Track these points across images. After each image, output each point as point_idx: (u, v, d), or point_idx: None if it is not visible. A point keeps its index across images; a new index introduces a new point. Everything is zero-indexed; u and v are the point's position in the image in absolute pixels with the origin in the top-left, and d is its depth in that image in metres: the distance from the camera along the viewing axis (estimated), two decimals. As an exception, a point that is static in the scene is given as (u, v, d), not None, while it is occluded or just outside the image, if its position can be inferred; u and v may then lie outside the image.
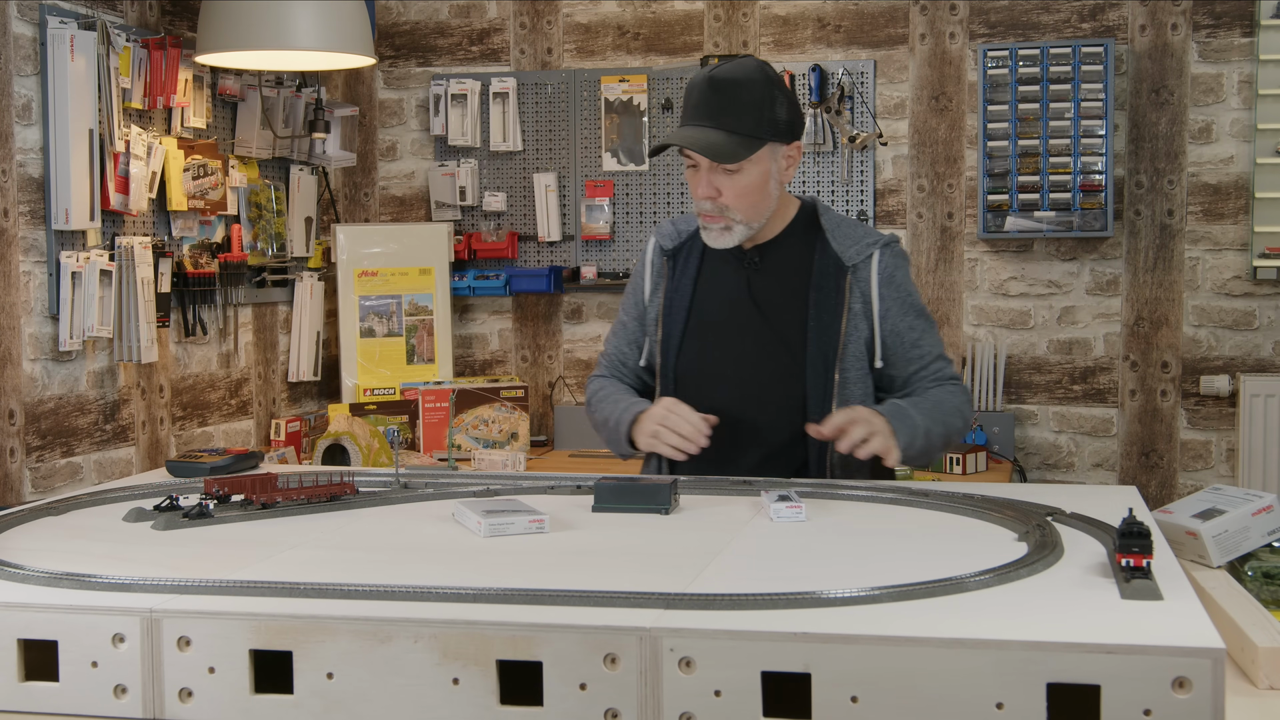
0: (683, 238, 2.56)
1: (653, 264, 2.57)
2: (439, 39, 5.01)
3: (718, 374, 2.46)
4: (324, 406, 4.75)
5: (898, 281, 2.46)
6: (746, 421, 2.43)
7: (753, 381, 2.44)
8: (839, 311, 2.41)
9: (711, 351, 2.48)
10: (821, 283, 2.43)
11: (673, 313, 2.50)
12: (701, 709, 1.40)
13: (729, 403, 2.43)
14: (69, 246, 3.50)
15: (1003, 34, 4.57)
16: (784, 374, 2.43)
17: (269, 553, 1.82)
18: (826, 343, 2.41)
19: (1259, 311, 4.42)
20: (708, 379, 2.47)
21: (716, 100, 2.35)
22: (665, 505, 2.06)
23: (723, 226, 2.41)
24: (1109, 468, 4.57)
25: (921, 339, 2.46)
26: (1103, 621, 1.41)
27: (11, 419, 3.34)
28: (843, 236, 2.46)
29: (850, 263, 2.43)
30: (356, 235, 4.71)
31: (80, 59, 3.46)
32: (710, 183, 2.37)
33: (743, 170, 2.37)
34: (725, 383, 2.46)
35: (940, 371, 2.47)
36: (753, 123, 2.35)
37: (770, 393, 2.43)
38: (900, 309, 2.45)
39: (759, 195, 2.40)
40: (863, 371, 2.43)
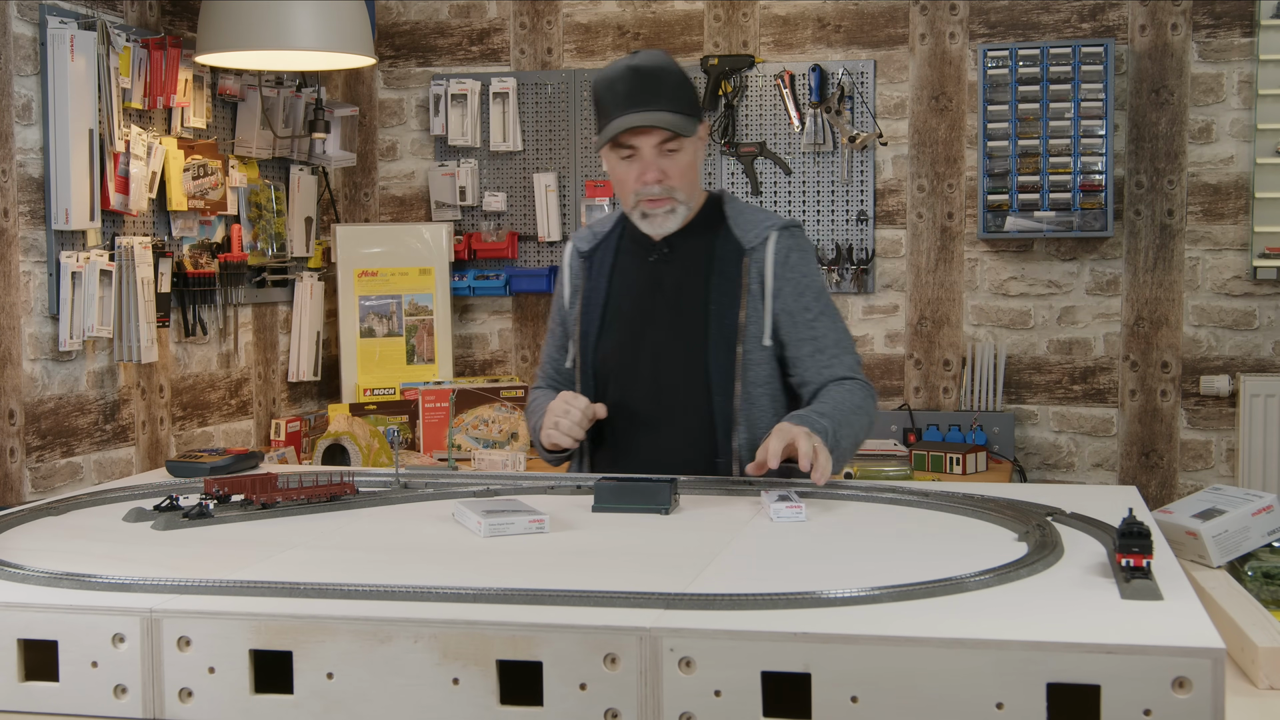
0: (598, 239, 2.61)
1: (571, 267, 2.63)
2: (439, 39, 5.01)
3: (631, 365, 2.51)
4: (324, 406, 4.75)
5: (793, 263, 2.49)
6: (659, 408, 2.48)
7: (663, 369, 2.49)
8: (738, 294, 2.46)
9: (625, 344, 2.53)
10: (722, 267, 2.48)
11: (590, 310, 2.56)
12: (701, 709, 1.40)
13: (642, 392, 2.49)
14: (69, 246, 3.50)
15: (1003, 34, 4.57)
16: (690, 359, 2.47)
17: (269, 553, 1.82)
18: (727, 325, 2.45)
19: (1259, 311, 4.42)
20: (622, 371, 2.52)
21: (649, 85, 2.40)
22: (665, 505, 2.06)
23: (668, 209, 2.46)
24: (1109, 468, 4.57)
25: (817, 321, 2.48)
26: (1103, 621, 1.41)
27: (11, 419, 3.34)
28: (744, 222, 2.52)
29: (749, 246, 2.48)
30: (356, 235, 4.70)
31: (80, 59, 3.46)
32: (657, 165, 2.42)
33: (683, 149, 2.44)
34: (638, 373, 2.51)
35: (841, 359, 2.47)
36: (686, 102, 2.43)
37: (678, 379, 2.48)
38: (794, 289, 2.48)
39: (695, 174, 2.49)
40: (764, 352, 2.46)
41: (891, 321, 4.71)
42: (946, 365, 4.67)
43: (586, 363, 2.54)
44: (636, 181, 2.43)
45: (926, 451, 4.15)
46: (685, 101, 2.43)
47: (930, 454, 4.14)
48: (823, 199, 4.71)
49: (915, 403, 4.69)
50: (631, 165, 2.44)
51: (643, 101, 2.38)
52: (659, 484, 2.10)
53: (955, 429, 4.48)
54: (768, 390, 2.46)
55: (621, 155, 2.44)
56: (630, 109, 2.39)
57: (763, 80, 4.73)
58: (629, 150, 2.42)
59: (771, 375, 2.47)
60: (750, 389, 2.44)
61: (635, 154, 2.42)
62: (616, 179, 2.49)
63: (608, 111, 2.42)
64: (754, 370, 2.45)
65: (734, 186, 4.76)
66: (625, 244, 2.57)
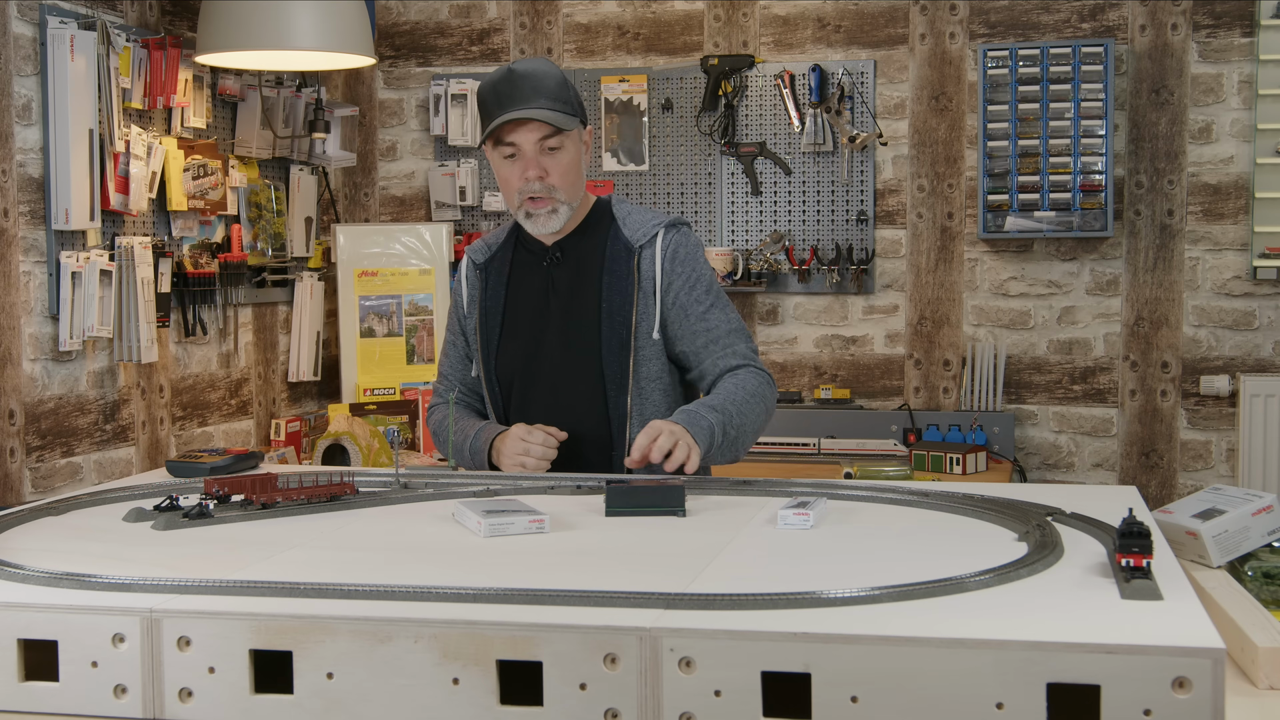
0: (492, 250, 2.64)
1: (468, 279, 2.66)
2: (439, 39, 5.01)
3: (531, 370, 2.55)
4: (324, 406, 4.75)
5: (682, 258, 2.52)
6: (559, 409, 2.51)
7: (559, 370, 2.53)
8: (629, 291, 2.49)
9: (523, 350, 2.56)
10: (613, 266, 2.52)
11: (488, 320, 2.59)
12: (701, 709, 1.40)
13: (542, 394, 2.53)
14: (69, 246, 3.50)
15: (1003, 34, 4.57)
16: (585, 360, 2.51)
17: (269, 553, 1.82)
18: (620, 323, 2.49)
19: (1259, 311, 4.42)
20: (523, 377, 2.56)
21: (528, 85, 2.43)
22: (680, 507, 2.06)
23: (550, 209, 2.49)
24: (1109, 468, 4.57)
25: (709, 313, 2.51)
26: (1103, 621, 1.41)
27: (11, 419, 3.34)
28: (633, 222, 2.55)
29: (638, 244, 2.52)
30: (356, 235, 4.70)
31: (80, 59, 3.46)
32: (538, 163, 2.45)
33: (564, 148, 2.47)
34: (538, 378, 2.54)
35: (735, 349, 2.50)
36: (564, 102, 2.47)
37: (576, 380, 2.51)
38: (685, 284, 2.51)
39: (577, 174, 2.51)
40: (655, 348, 2.50)
41: (891, 321, 4.71)
42: (946, 365, 4.67)
43: (490, 371, 2.58)
44: (519, 179, 2.47)
45: (926, 451, 4.15)
46: (565, 101, 2.47)
47: (930, 454, 4.14)
48: (823, 199, 4.71)
49: (915, 403, 4.69)
50: (514, 165, 2.47)
51: (521, 99, 2.42)
52: (671, 486, 2.09)
53: (955, 429, 4.49)
54: (659, 385, 2.51)
55: (504, 154, 2.47)
56: (507, 109, 2.43)
57: (763, 80, 4.73)
58: (510, 149, 2.46)
59: (662, 370, 2.51)
60: (643, 384, 2.49)
61: (517, 153, 2.46)
62: (501, 179, 2.52)
63: (490, 113, 2.46)
64: (646, 366, 2.50)
65: (734, 186, 4.76)
66: (519, 253, 2.61)
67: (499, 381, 2.58)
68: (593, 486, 2.25)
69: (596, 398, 2.50)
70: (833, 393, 4.68)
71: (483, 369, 2.59)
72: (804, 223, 4.73)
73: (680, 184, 4.81)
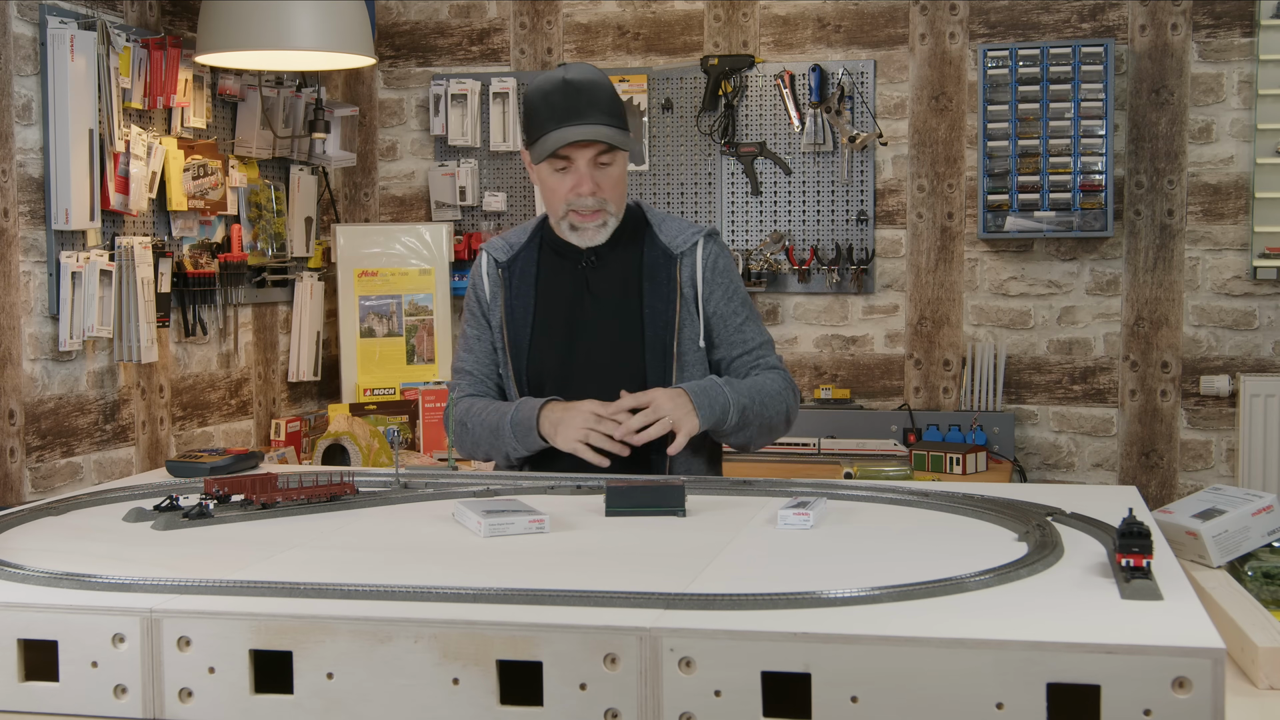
0: (515, 249, 2.62)
1: (489, 276, 2.62)
2: (439, 39, 5.01)
3: (566, 372, 2.54)
4: (324, 406, 4.75)
5: (720, 268, 2.57)
6: None
7: (599, 374, 2.52)
8: (671, 298, 2.51)
9: (558, 351, 2.55)
10: (653, 273, 2.53)
11: (516, 320, 2.57)
12: (701, 709, 1.40)
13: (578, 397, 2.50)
14: (69, 246, 3.50)
15: (1003, 34, 4.57)
16: (626, 364, 2.51)
17: (269, 553, 1.82)
18: (663, 327, 2.51)
19: (1259, 311, 4.42)
20: (558, 378, 2.54)
21: (584, 98, 2.42)
22: (680, 507, 2.06)
23: (600, 223, 2.49)
24: (1109, 468, 4.57)
25: (745, 325, 2.57)
26: (1103, 621, 1.41)
27: (11, 419, 3.34)
28: (669, 229, 2.57)
29: (678, 251, 2.54)
30: (356, 235, 4.70)
31: (80, 59, 3.46)
32: (591, 178, 2.45)
33: (615, 162, 2.48)
34: (574, 379, 2.53)
35: (764, 359, 2.58)
36: (618, 117, 2.47)
37: (615, 383, 2.49)
38: (724, 294, 2.56)
39: (624, 185, 2.53)
40: (698, 354, 2.53)
41: (891, 321, 4.71)
42: (946, 365, 4.67)
43: (520, 371, 2.56)
44: (570, 192, 2.46)
45: (926, 451, 4.15)
46: (618, 116, 2.47)
47: (930, 454, 4.14)
48: (823, 199, 4.71)
49: (915, 403, 4.69)
50: (565, 177, 2.46)
51: (579, 114, 2.41)
52: (671, 486, 2.09)
53: (955, 429, 4.49)
54: None
55: (556, 167, 2.46)
56: (567, 122, 2.41)
57: (763, 80, 4.73)
58: (563, 162, 2.45)
59: (704, 375, 2.54)
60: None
61: (569, 166, 2.45)
62: (547, 188, 2.50)
63: (542, 124, 2.44)
64: (689, 370, 2.52)
65: (734, 186, 4.76)
66: (546, 254, 2.59)
67: (529, 384, 2.56)
68: (593, 486, 2.25)
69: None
70: (833, 393, 4.68)
71: (511, 370, 2.57)
72: (804, 223, 4.73)
73: (680, 184, 4.81)
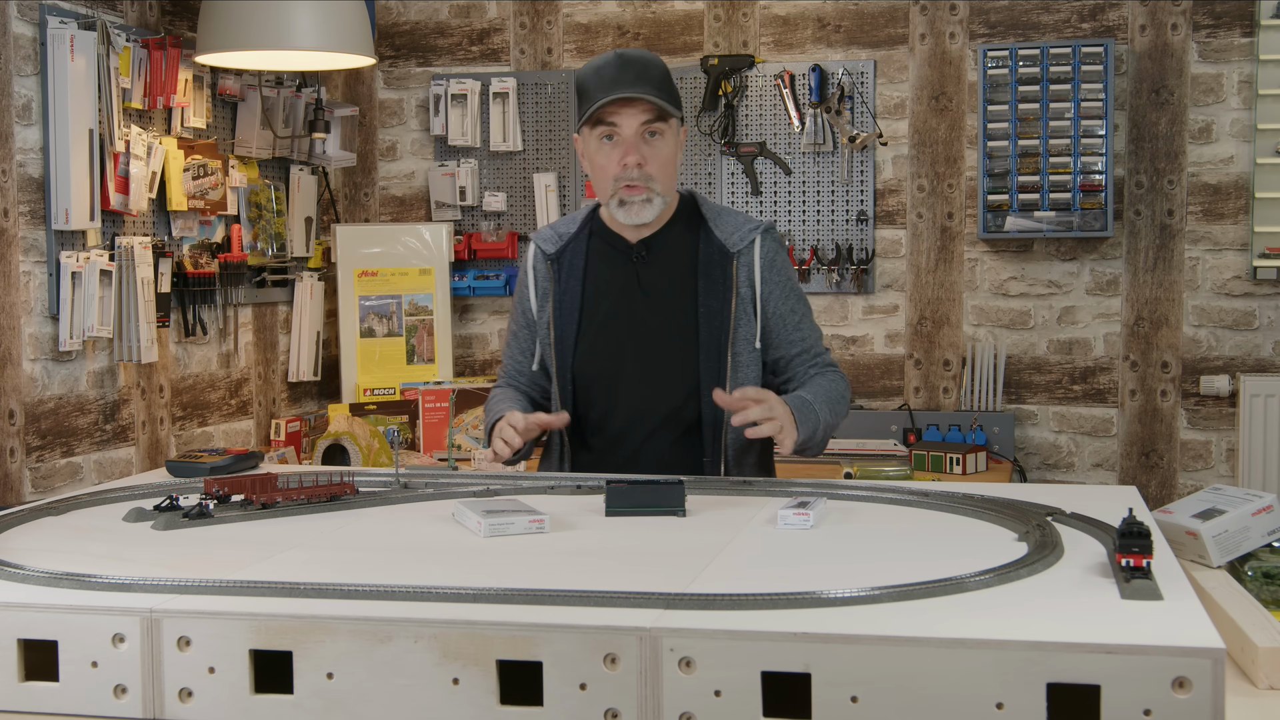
0: (564, 240, 2.58)
1: (535, 269, 2.59)
2: (439, 39, 5.01)
3: (614, 369, 2.50)
4: (324, 406, 4.75)
5: (778, 265, 2.52)
6: (647, 410, 2.48)
7: (649, 373, 2.48)
8: (727, 297, 2.47)
9: (607, 347, 2.51)
10: (708, 270, 2.49)
11: (564, 314, 2.53)
12: (701, 709, 1.40)
13: (628, 396, 2.49)
14: (69, 246, 3.50)
15: (1003, 34, 4.57)
16: (678, 362, 2.47)
17: (269, 553, 1.82)
18: (718, 328, 2.46)
19: (1259, 311, 4.42)
20: (605, 375, 2.50)
21: (634, 71, 2.40)
22: (680, 507, 2.06)
23: (644, 198, 2.44)
24: (1109, 468, 4.57)
25: (802, 323, 2.54)
26: (1103, 621, 1.41)
27: (11, 419, 3.34)
28: (724, 224, 2.52)
29: (734, 249, 2.49)
30: (356, 235, 4.71)
31: (80, 59, 3.46)
32: (638, 149, 2.41)
33: (664, 137, 2.44)
34: (622, 377, 2.49)
35: (821, 357, 2.55)
36: (670, 95, 2.44)
37: (666, 382, 2.47)
38: (782, 292, 2.52)
39: (673, 167, 2.48)
40: (753, 355, 2.49)
41: (891, 321, 4.71)
42: (946, 365, 4.67)
43: (565, 367, 2.52)
44: (617, 165, 2.42)
45: (926, 451, 4.15)
46: (670, 92, 2.44)
47: (930, 454, 4.14)
48: (823, 199, 4.71)
49: (915, 403, 4.69)
50: (613, 149, 2.42)
51: (628, 84, 2.39)
52: (671, 485, 2.09)
53: (955, 429, 4.49)
54: None
55: (602, 135, 2.43)
56: (615, 90, 2.39)
57: (763, 80, 4.73)
58: (610, 128, 2.41)
59: (758, 376, 2.50)
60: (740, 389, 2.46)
61: (617, 136, 2.42)
62: (596, 165, 2.47)
63: (591, 95, 2.41)
64: (744, 371, 2.47)
65: (734, 186, 4.76)
66: (596, 245, 2.55)
67: (574, 378, 2.51)
68: (593, 486, 2.25)
69: (690, 402, 2.46)
70: (833, 393, 4.67)
71: (555, 364, 2.53)
72: (804, 223, 4.73)
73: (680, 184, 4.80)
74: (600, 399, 2.50)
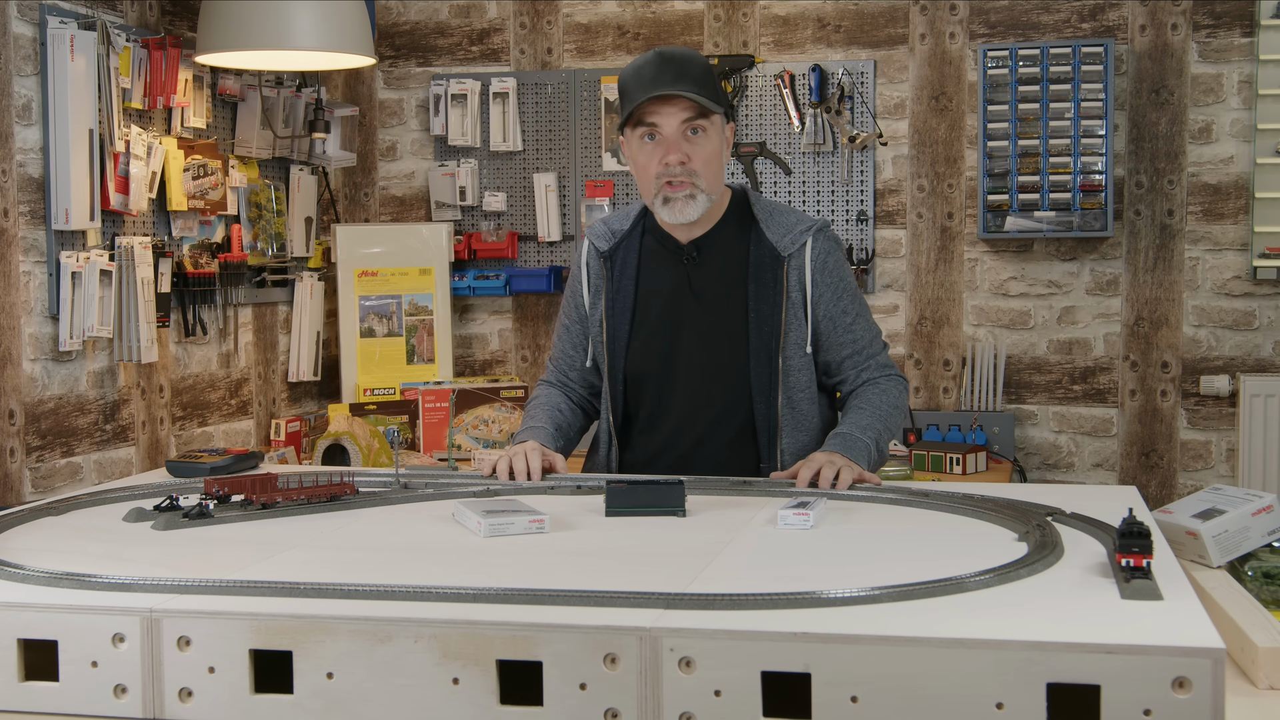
0: (617, 238, 2.56)
1: (589, 266, 2.58)
2: (439, 39, 5.01)
3: (665, 371, 2.49)
4: (324, 406, 4.75)
5: (830, 267, 2.50)
6: (699, 415, 2.47)
7: (701, 376, 2.48)
8: (778, 301, 2.45)
9: (657, 349, 2.50)
10: (759, 274, 2.47)
11: (616, 313, 2.52)
12: (701, 709, 1.40)
13: (679, 398, 2.48)
14: (69, 246, 3.50)
15: (1003, 34, 4.57)
16: (729, 366, 2.46)
17: (269, 553, 1.82)
18: (768, 333, 2.44)
19: (1259, 311, 4.42)
20: (655, 377, 2.50)
21: (675, 69, 2.38)
22: (680, 507, 2.06)
23: (688, 194, 2.41)
24: (1109, 468, 4.57)
25: (855, 323, 2.51)
26: (1103, 621, 1.41)
27: (11, 419, 3.34)
28: (776, 225, 2.49)
29: (786, 252, 2.47)
30: (356, 235, 4.71)
31: (80, 59, 3.46)
32: (680, 147, 2.39)
33: (708, 134, 2.41)
34: (673, 379, 2.49)
35: (875, 359, 2.52)
36: (711, 91, 2.41)
37: (717, 386, 2.47)
38: (834, 294, 2.49)
39: (719, 165, 2.45)
40: (805, 359, 2.47)
41: (891, 321, 4.71)
42: (946, 365, 4.67)
43: (616, 367, 2.51)
44: (658, 164, 2.40)
45: (926, 451, 4.15)
46: (711, 89, 2.40)
47: (930, 454, 4.14)
48: (823, 199, 4.71)
49: (915, 403, 4.69)
50: (655, 148, 2.40)
51: (668, 83, 2.36)
52: (671, 485, 2.09)
53: (955, 429, 4.49)
54: (808, 395, 2.47)
55: (643, 135, 2.41)
56: (652, 91, 2.36)
57: (763, 80, 4.73)
58: (650, 127, 2.39)
59: (811, 380, 2.48)
60: (792, 394, 2.45)
61: (658, 135, 2.40)
62: (639, 166, 2.45)
63: (632, 96, 2.39)
64: (795, 376, 2.45)
65: (734, 186, 4.76)
66: (649, 244, 2.53)
67: (626, 378, 2.51)
68: (593, 486, 2.25)
69: (742, 406, 2.46)
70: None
71: (607, 363, 2.52)
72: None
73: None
74: (650, 400, 2.49)
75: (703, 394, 2.47)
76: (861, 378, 2.51)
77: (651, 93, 2.35)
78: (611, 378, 2.52)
